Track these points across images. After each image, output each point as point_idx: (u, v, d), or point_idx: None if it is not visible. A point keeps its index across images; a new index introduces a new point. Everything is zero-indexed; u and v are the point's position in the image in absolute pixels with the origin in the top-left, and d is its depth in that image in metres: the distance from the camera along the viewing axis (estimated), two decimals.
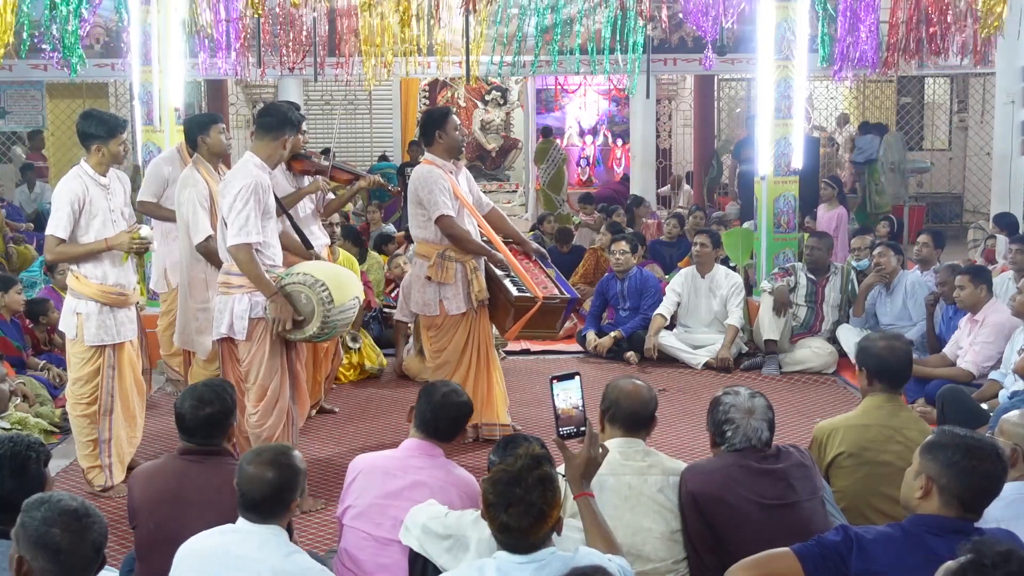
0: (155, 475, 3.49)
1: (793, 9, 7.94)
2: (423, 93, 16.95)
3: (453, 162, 5.72)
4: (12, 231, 10.61)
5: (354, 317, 4.88)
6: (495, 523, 2.58)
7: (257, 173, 4.62)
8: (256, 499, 2.89)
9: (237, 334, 4.62)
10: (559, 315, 5.74)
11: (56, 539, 2.34)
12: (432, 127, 5.65)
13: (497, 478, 2.58)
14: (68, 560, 2.35)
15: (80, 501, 2.44)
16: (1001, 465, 2.67)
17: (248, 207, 4.49)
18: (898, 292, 7.23)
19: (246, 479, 2.90)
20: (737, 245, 9.15)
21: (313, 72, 11.34)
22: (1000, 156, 10.63)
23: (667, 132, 16.90)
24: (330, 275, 4.70)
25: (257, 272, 4.52)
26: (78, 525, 2.38)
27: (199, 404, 3.50)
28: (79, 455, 5.10)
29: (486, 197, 6.02)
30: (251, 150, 4.79)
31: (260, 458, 2.96)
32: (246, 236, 4.49)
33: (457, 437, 3.69)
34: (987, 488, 2.66)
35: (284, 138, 4.75)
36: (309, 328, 4.58)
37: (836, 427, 3.86)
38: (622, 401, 3.38)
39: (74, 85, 13.03)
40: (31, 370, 6.64)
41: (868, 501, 3.72)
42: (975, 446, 2.66)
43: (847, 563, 2.61)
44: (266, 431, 4.65)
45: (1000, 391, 5.71)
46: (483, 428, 5.80)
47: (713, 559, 3.20)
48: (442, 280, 5.58)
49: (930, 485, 2.67)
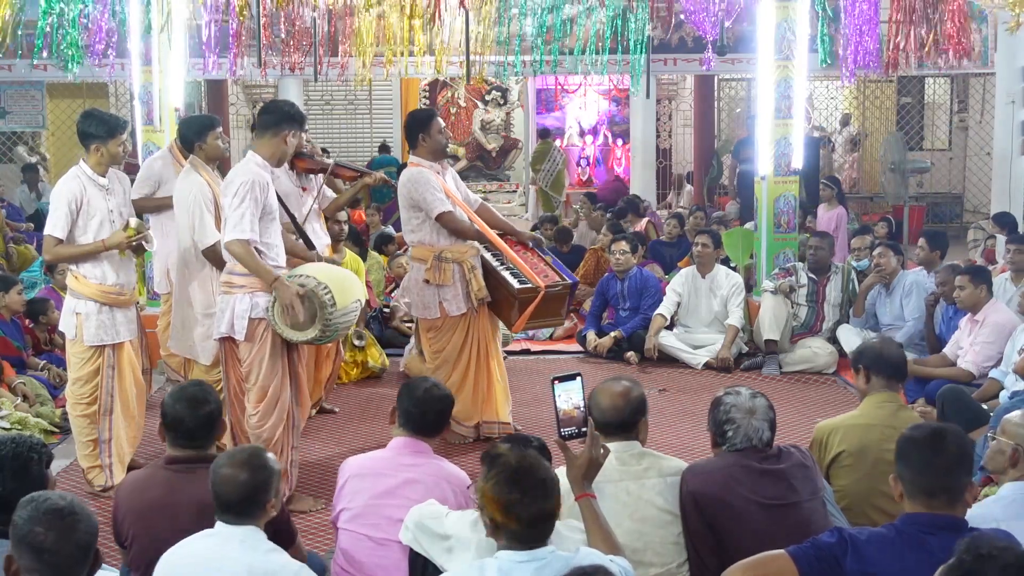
0: (144, 489, 3.37)
1: (793, 9, 7.94)
2: (423, 93, 16.94)
3: (440, 163, 5.74)
4: (12, 231, 10.62)
5: (356, 320, 4.88)
6: (523, 518, 2.55)
7: (256, 171, 4.60)
8: (231, 500, 2.88)
9: (237, 334, 4.61)
10: (563, 301, 5.75)
11: (40, 538, 2.33)
12: (416, 130, 5.65)
13: (504, 477, 2.57)
14: (52, 559, 2.33)
15: (69, 500, 2.42)
16: (951, 445, 2.66)
17: (244, 204, 4.48)
18: (897, 292, 7.24)
19: (220, 481, 2.89)
20: (737, 245, 9.16)
21: (313, 72, 11.34)
22: (1000, 156, 10.64)
23: (667, 132, 16.90)
24: (333, 278, 4.69)
25: (255, 263, 4.51)
26: (62, 524, 2.36)
27: (196, 404, 3.40)
28: (79, 455, 5.10)
29: (473, 194, 6.04)
30: (252, 149, 4.78)
31: (234, 460, 2.94)
32: (240, 232, 4.49)
33: (443, 431, 3.69)
34: (939, 471, 2.64)
35: (285, 134, 4.72)
36: (311, 331, 4.57)
37: (837, 427, 3.86)
38: (594, 410, 3.30)
39: (74, 85, 13.03)
40: (31, 370, 6.64)
41: (869, 500, 3.73)
42: (919, 436, 2.70)
43: (841, 564, 2.61)
44: (266, 431, 4.63)
45: (1000, 391, 5.71)
46: (483, 426, 5.80)
47: (713, 560, 3.19)
48: (440, 282, 5.59)
49: (898, 486, 2.72)
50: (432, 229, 5.62)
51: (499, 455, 2.66)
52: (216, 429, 3.48)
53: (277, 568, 2.83)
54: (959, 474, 2.68)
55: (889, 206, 13.47)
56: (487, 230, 5.74)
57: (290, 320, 4.53)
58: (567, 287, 5.70)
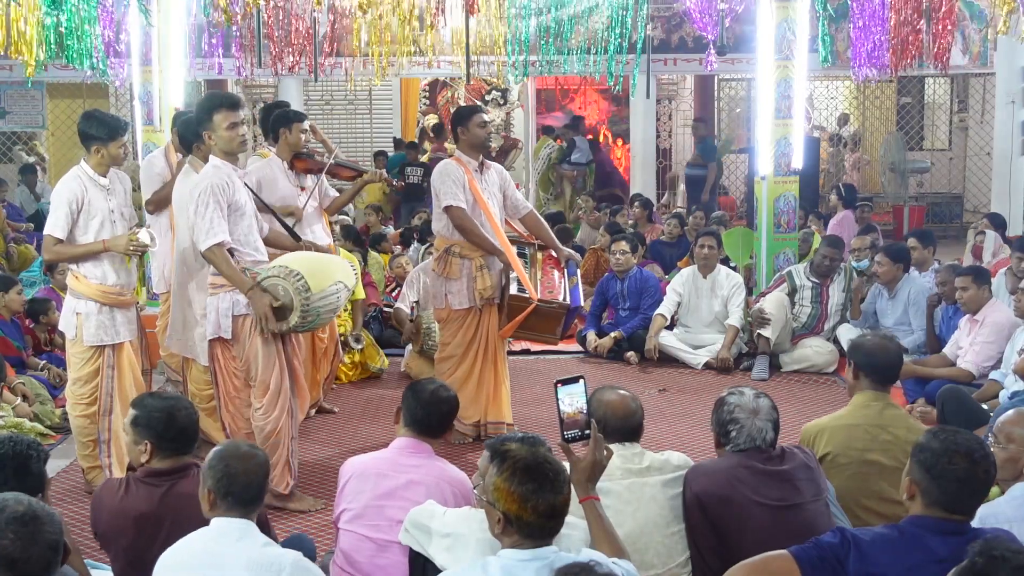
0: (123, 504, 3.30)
1: (793, 9, 7.94)
2: (423, 93, 16.93)
3: (480, 160, 5.81)
4: (12, 231, 10.62)
5: (340, 303, 4.83)
6: (539, 509, 2.56)
7: (213, 173, 4.60)
8: (249, 494, 2.92)
9: (224, 332, 4.66)
10: (558, 321, 5.73)
11: (8, 548, 2.35)
12: (456, 124, 5.87)
13: (519, 468, 2.58)
14: (24, 567, 2.36)
15: (27, 503, 2.44)
16: (982, 467, 2.65)
17: (209, 210, 4.51)
18: (901, 297, 7.18)
19: (234, 474, 2.91)
20: (737, 245, 9.16)
21: (314, 72, 11.34)
22: (1000, 156, 10.66)
23: (667, 132, 16.89)
24: (305, 264, 4.70)
25: (230, 271, 4.55)
26: (26, 530, 2.38)
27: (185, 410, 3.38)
28: (79, 455, 5.11)
29: (524, 200, 6.12)
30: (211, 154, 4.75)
31: (239, 451, 2.99)
32: (213, 237, 4.51)
33: (447, 433, 3.69)
34: (964, 491, 2.64)
35: (215, 125, 4.61)
36: (291, 318, 4.59)
37: (823, 428, 3.87)
38: (609, 418, 3.33)
39: (74, 85, 13.01)
40: (31, 370, 6.64)
41: (858, 501, 3.74)
42: (952, 449, 2.65)
43: (844, 565, 2.61)
44: (270, 424, 4.69)
45: (1000, 391, 5.71)
46: (489, 426, 5.80)
47: (716, 560, 3.19)
48: (446, 275, 5.69)
49: (913, 488, 2.70)
50: (448, 222, 5.70)
51: (508, 450, 2.67)
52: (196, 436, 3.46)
53: (274, 559, 2.85)
54: (984, 495, 2.71)
55: (889, 206, 13.48)
56: (502, 237, 5.76)
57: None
58: (563, 307, 5.68)
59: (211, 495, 2.93)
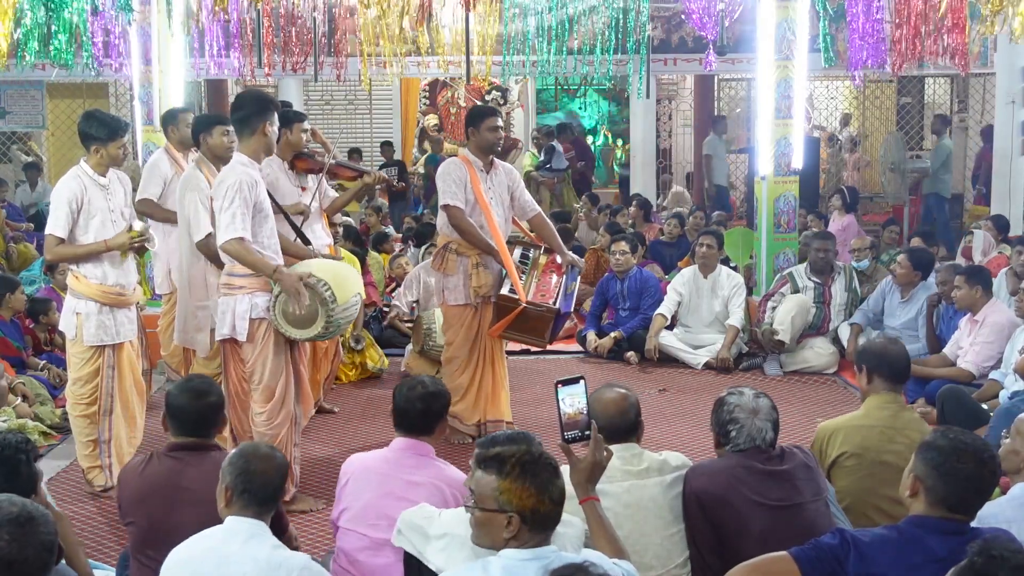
0: (145, 473, 3.46)
1: (793, 9, 7.94)
2: (423, 93, 16.93)
3: (489, 161, 5.82)
4: (12, 231, 10.62)
5: (356, 314, 4.90)
6: (554, 497, 2.58)
7: (243, 171, 4.58)
8: (267, 495, 2.95)
9: (239, 335, 4.62)
10: (547, 325, 5.72)
11: (4, 550, 2.35)
12: (468, 123, 5.90)
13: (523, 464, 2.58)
14: (20, 569, 2.36)
15: (20, 504, 2.44)
16: (989, 468, 2.66)
17: (235, 205, 4.49)
18: (915, 302, 7.08)
19: (254, 473, 2.93)
20: (737, 245, 9.16)
21: (314, 72, 11.34)
22: (1000, 156, 10.63)
23: (667, 132, 16.89)
24: (331, 273, 4.70)
25: (252, 258, 4.51)
26: (21, 531, 2.38)
27: (197, 395, 3.49)
28: (79, 455, 5.11)
29: (533, 202, 6.12)
30: (237, 150, 4.78)
31: (260, 452, 3.02)
32: (233, 231, 4.49)
33: (437, 430, 3.66)
34: (970, 490, 2.65)
35: (262, 126, 4.66)
36: (314, 328, 4.58)
37: (838, 427, 3.86)
38: (600, 415, 3.28)
39: (74, 85, 13.01)
40: (31, 370, 6.64)
41: (870, 501, 3.73)
42: (961, 448, 2.65)
43: (844, 566, 2.61)
44: (273, 430, 4.67)
45: (1000, 391, 5.71)
46: (488, 425, 5.80)
47: (716, 560, 3.19)
48: (443, 270, 5.75)
49: (917, 485, 2.70)
50: (445, 215, 5.74)
51: (500, 453, 2.66)
52: (218, 421, 3.58)
53: (283, 561, 2.85)
54: (988, 496, 2.72)
55: (889, 206, 13.47)
56: (499, 238, 5.76)
57: (292, 318, 4.55)
58: (551, 312, 5.67)
59: (228, 492, 2.94)
